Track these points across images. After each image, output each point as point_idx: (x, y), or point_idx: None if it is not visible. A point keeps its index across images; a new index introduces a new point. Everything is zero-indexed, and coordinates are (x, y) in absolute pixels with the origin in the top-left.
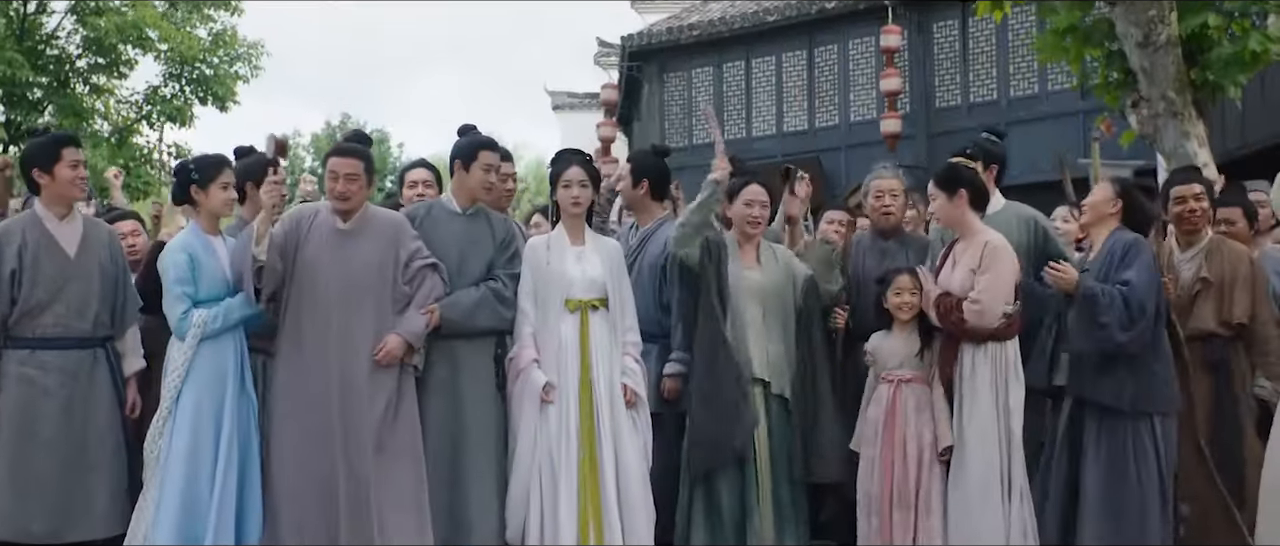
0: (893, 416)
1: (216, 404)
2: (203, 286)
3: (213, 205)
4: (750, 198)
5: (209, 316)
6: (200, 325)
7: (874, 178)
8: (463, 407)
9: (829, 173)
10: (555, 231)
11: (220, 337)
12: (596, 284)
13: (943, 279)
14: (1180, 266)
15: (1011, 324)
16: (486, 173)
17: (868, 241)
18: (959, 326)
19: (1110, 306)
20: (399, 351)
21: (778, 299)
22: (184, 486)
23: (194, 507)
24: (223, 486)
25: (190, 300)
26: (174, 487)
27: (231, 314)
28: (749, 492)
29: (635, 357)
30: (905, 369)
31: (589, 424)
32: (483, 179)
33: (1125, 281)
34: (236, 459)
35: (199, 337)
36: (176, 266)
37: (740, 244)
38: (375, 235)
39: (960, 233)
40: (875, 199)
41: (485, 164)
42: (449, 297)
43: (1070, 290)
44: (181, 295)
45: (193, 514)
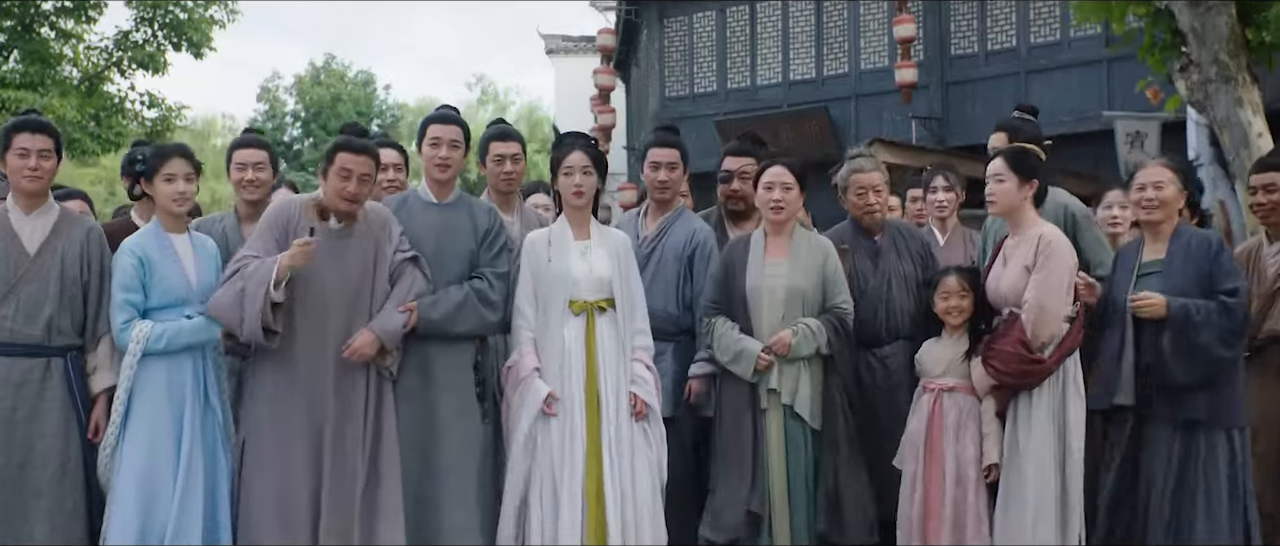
0: (933, 429)
1: (174, 420)
2: (156, 293)
3: (160, 200)
4: (770, 180)
5: (152, 334)
6: (142, 340)
7: (853, 170)
8: (435, 422)
9: (838, 124)
10: (557, 224)
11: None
12: (603, 283)
13: (994, 280)
14: (1266, 261)
15: (1072, 335)
16: (434, 148)
17: (852, 238)
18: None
19: (1207, 323)
20: (369, 350)
21: (804, 301)
22: (140, 519)
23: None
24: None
25: (135, 309)
26: (125, 516)
27: (179, 338)
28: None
29: (646, 364)
30: (949, 377)
31: (595, 439)
32: (429, 154)
33: (1230, 291)
34: (200, 481)
35: (141, 353)
36: (122, 271)
37: (767, 232)
38: (366, 232)
39: (1014, 226)
40: (856, 196)
41: (432, 138)
42: (430, 297)
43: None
44: (124, 303)
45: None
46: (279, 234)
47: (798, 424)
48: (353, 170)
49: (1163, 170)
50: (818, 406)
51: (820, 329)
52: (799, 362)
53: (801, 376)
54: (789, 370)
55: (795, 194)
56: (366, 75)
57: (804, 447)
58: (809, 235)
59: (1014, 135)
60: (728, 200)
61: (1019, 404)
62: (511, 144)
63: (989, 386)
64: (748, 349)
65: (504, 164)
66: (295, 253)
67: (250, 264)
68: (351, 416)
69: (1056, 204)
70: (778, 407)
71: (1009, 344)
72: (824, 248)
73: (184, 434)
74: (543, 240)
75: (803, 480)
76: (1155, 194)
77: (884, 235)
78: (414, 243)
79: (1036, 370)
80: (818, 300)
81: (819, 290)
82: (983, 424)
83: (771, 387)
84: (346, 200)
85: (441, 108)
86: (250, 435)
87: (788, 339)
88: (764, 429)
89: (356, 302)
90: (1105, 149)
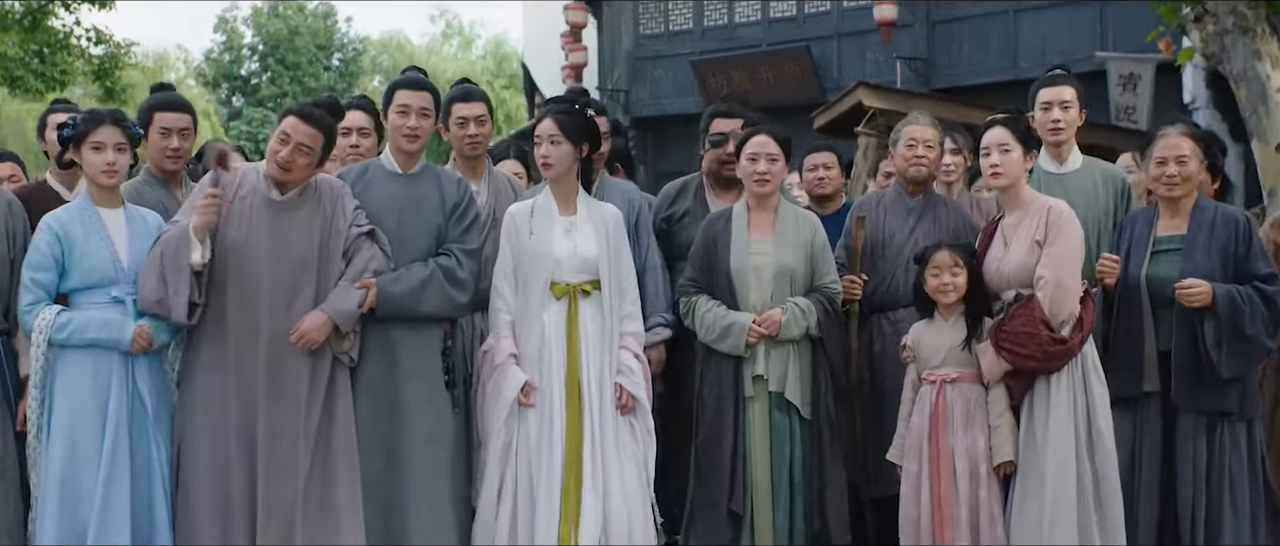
0: (937, 425)
1: (98, 416)
2: (77, 272)
3: (88, 171)
4: (755, 150)
5: (55, 322)
6: (44, 328)
7: (907, 122)
8: (402, 413)
9: (819, 65)
10: (541, 197)
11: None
12: (588, 263)
13: (992, 262)
14: None
15: (1088, 314)
16: (402, 116)
17: (892, 197)
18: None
19: (1254, 314)
20: (317, 334)
21: (791, 280)
22: (62, 520)
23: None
24: (104, 510)
25: (43, 290)
26: (48, 516)
27: (85, 331)
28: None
29: (635, 352)
30: (949, 366)
31: (576, 432)
32: (397, 123)
33: (1267, 277)
34: (125, 482)
35: (45, 342)
36: (35, 247)
37: (750, 207)
38: (314, 205)
39: (1012, 201)
40: (907, 147)
41: (399, 105)
42: (391, 273)
43: (1207, 305)
44: (31, 283)
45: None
46: None
47: (784, 414)
48: (291, 136)
49: (1183, 140)
50: (808, 392)
51: (811, 308)
52: (788, 346)
53: (790, 360)
54: (777, 353)
55: (781, 165)
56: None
57: (790, 439)
58: (794, 209)
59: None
60: (721, 166)
61: (1036, 392)
62: (475, 104)
63: (1001, 373)
64: (738, 321)
65: (467, 127)
66: (200, 206)
67: (166, 233)
68: (289, 406)
69: (1109, 175)
70: (763, 395)
71: (1027, 325)
72: (811, 223)
73: (107, 431)
74: (525, 214)
75: (787, 474)
76: (1177, 169)
77: (924, 198)
78: (375, 217)
79: (1060, 351)
80: (806, 279)
81: (807, 268)
82: (992, 416)
83: (757, 374)
84: (278, 166)
85: (408, 70)
86: (185, 431)
87: (777, 317)
88: (747, 419)
89: (298, 282)
90: (1098, 90)
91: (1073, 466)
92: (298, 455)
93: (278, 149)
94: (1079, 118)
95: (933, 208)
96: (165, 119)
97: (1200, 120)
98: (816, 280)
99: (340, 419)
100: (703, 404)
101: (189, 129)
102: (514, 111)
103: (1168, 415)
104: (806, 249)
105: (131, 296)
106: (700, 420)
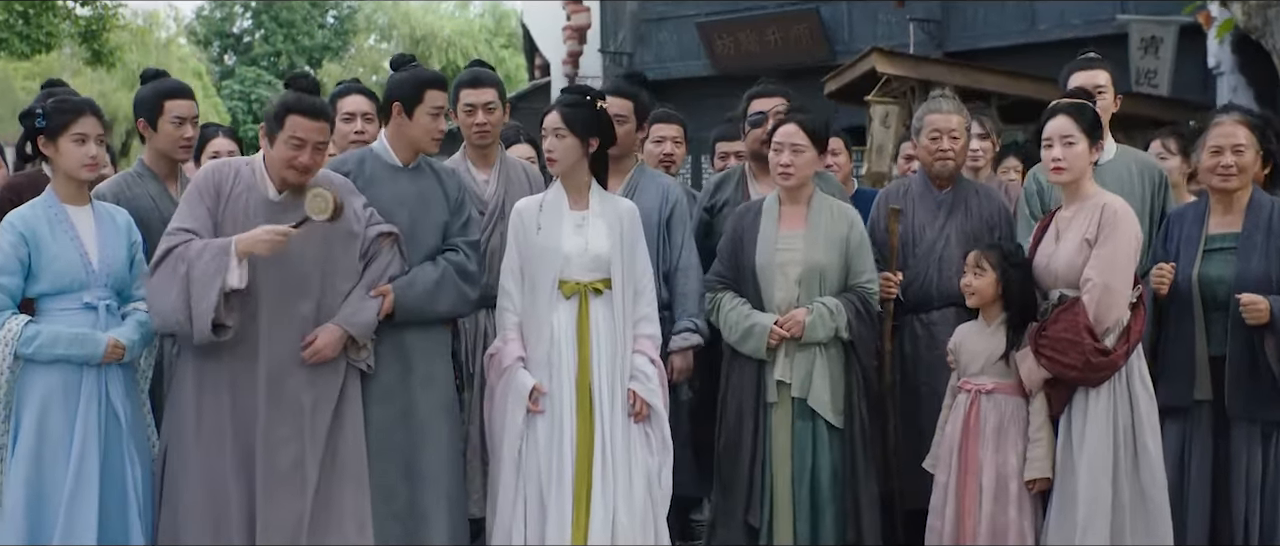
0: (968, 436)
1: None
2: (46, 276)
3: (66, 164)
4: (780, 140)
5: (23, 334)
6: (10, 341)
7: (929, 110)
8: (417, 422)
9: (830, 27)
10: (551, 190)
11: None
12: (600, 261)
13: (1044, 257)
14: None
15: (1137, 322)
16: (435, 118)
17: (919, 188)
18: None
19: None
20: (331, 351)
21: (821, 278)
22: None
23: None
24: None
25: (9, 297)
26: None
27: (54, 346)
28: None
29: (651, 356)
30: (986, 377)
31: (587, 440)
32: (430, 127)
33: None
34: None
35: (10, 355)
36: (1, 251)
37: (781, 199)
38: None
39: (1072, 194)
40: (929, 139)
41: (433, 108)
42: (404, 278)
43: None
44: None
45: None
46: (211, 202)
47: (808, 421)
48: (305, 138)
49: (1239, 128)
50: (838, 401)
51: (840, 309)
52: (814, 349)
53: (816, 365)
54: (801, 357)
55: (809, 157)
56: None
57: (812, 448)
58: (831, 202)
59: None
60: (763, 146)
61: (1074, 404)
62: (486, 90)
63: (1041, 381)
64: (759, 323)
65: (476, 114)
66: (265, 239)
67: (190, 244)
68: (291, 417)
69: (1144, 166)
70: (786, 402)
71: (1069, 331)
72: (847, 217)
73: (73, 447)
74: (532, 209)
75: (808, 483)
76: (1234, 160)
77: (954, 189)
78: (384, 215)
79: (1104, 363)
80: (839, 278)
81: (840, 266)
82: (1031, 429)
83: (780, 378)
84: (299, 171)
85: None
86: (172, 442)
87: (801, 318)
88: (769, 426)
89: (303, 287)
90: (1118, 54)
91: (1108, 485)
92: (305, 469)
93: (293, 156)
94: (1114, 103)
95: (964, 199)
96: (178, 107)
97: (1224, 86)
98: (852, 279)
99: (349, 427)
100: (726, 408)
101: (198, 117)
102: (513, 72)
103: (1219, 423)
104: (841, 245)
105: (104, 301)
106: (722, 425)
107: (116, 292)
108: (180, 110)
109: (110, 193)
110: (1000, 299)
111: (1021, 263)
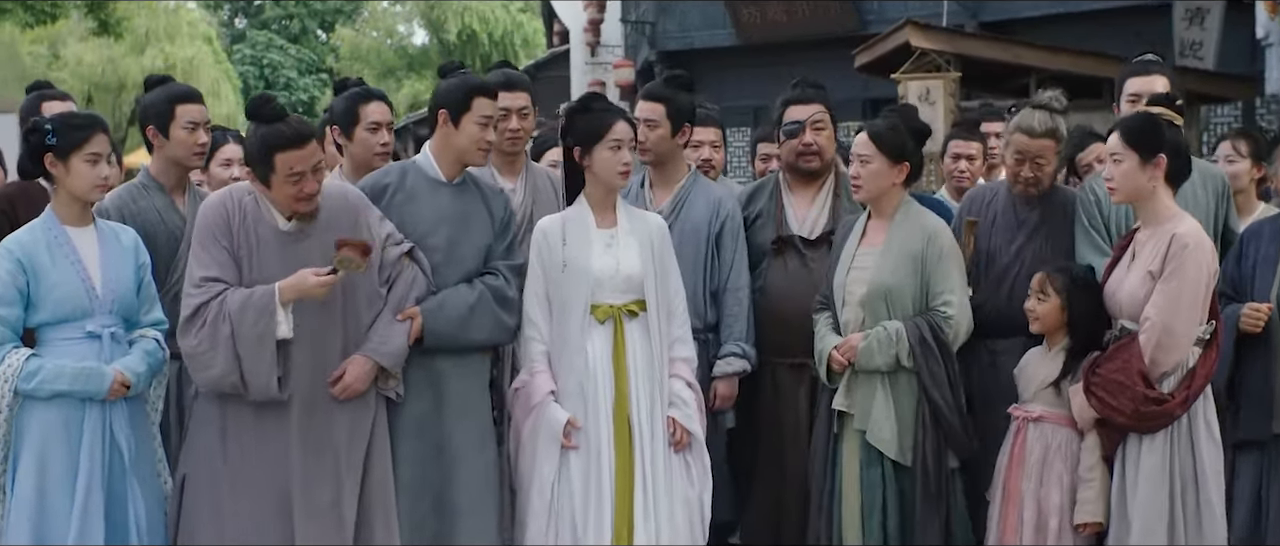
0: (1012, 465)
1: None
2: (47, 305)
3: (77, 185)
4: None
5: (24, 369)
6: (11, 376)
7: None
8: (451, 458)
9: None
10: (574, 207)
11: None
12: (632, 282)
13: (1115, 281)
14: None
15: (1204, 364)
16: (484, 128)
17: (1003, 202)
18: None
19: None
20: (362, 384)
21: (888, 300)
22: None
23: None
24: None
25: (9, 329)
26: None
27: (57, 381)
28: None
29: (688, 381)
30: (1037, 404)
31: (626, 475)
32: (478, 137)
33: None
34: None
35: (10, 392)
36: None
37: (870, 215)
38: (330, 228)
39: (1144, 215)
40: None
41: (481, 117)
42: (434, 299)
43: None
44: None
45: None
46: (227, 241)
47: (872, 454)
48: (302, 169)
49: None
50: (907, 438)
51: (899, 335)
52: (874, 378)
53: (877, 395)
54: (862, 386)
55: (877, 167)
56: None
57: (883, 484)
58: (920, 215)
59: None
60: (798, 157)
61: (1128, 447)
62: (520, 94)
63: (1092, 419)
64: (825, 347)
65: (509, 119)
66: (310, 286)
67: (225, 298)
68: (323, 456)
69: (1209, 177)
70: (853, 433)
71: (1121, 372)
72: (927, 231)
73: (77, 488)
74: (556, 229)
75: (879, 522)
76: None
77: (1041, 206)
78: (422, 233)
79: (1156, 412)
80: (912, 300)
81: (915, 286)
82: (1082, 467)
83: (840, 408)
84: (302, 202)
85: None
86: (193, 484)
87: (855, 342)
88: (839, 458)
89: (326, 320)
90: (1161, 25)
91: (1164, 536)
92: (341, 508)
93: (296, 191)
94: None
95: (1051, 218)
96: (191, 112)
97: (1273, 58)
98: (931, 300)
99: (376, 457)
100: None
101: (210, 121)
102: (531, 36)
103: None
104: (914, 263)
105: (108, 329)
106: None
107: (123, 319)
108: (193, 115)
109: (113, 207)
110: (1065, 327)
111: (1090, 287)
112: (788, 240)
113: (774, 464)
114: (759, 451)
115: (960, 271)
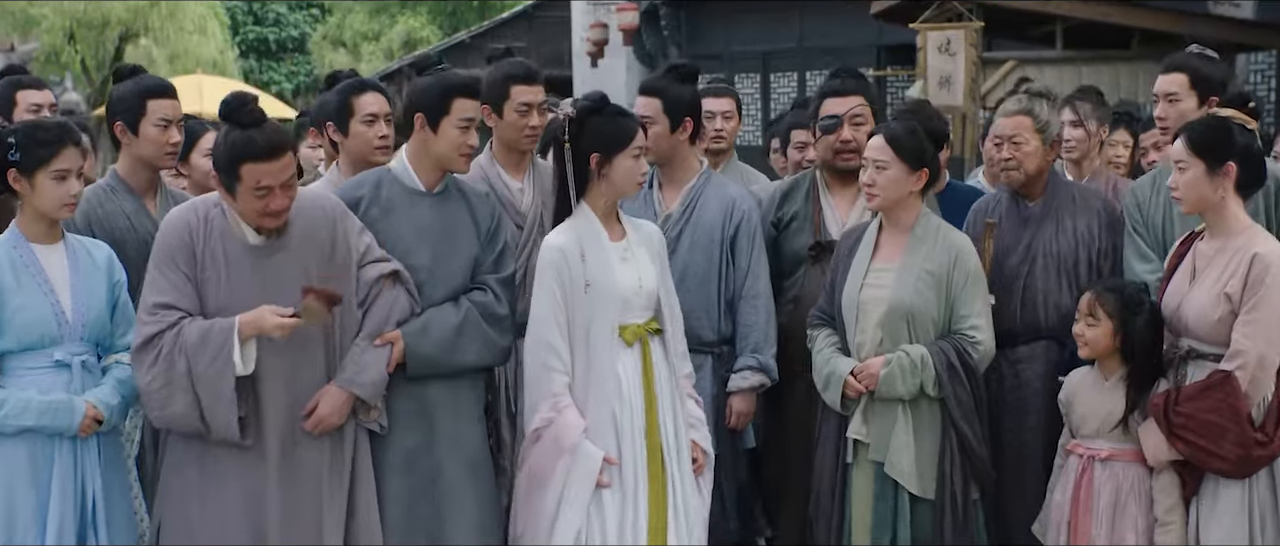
0: (1078, 508)
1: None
2: (11, 331)
3: (43, 204)
4: (864, 157)
5: None
6: None
7: (1001, 112)
8: (444, 495)
9: None
10: (582, 218)
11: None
12: (652, 297)
13: (1174, 295)
14: None
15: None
16: (465, 132)
17: (1007, 201)
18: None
19: None
20: (337, 418)
21: (909, 322)
22: None
23: None
24: None
25: None
26: None
27: (23, 416)
28: None
29: (696, 397)
30: (1103, 441)
31: (660, 507)
32: (459, 142)
33: None
34: None
35: None
36: None
37: (882, 226)
38: (305, 241)
39: (1212, 227)
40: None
41: (462, 120)
42: (416, 322)
43: None
44: None
45: None
46: (187, 265)
47: (887, 486)
48: (271, 183)
49: None
50: (925, 467)
51: (926, 361)
52: (895, 406)
53: (898, 426)
54: (881, 415)
55: (894, 173)
56: None
57: (896, 518)
58: (935, 227)
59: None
60: (835, 155)
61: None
62: (538, 88)
63: (1169, 459)
64: (837, 370)
65: (531, 115)
66: (270, 326)
67: (181, 330)
68: (304, 492)
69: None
70: (866, 463)
71: (1225, 416)
72: (952, 250)
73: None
74: (573, 247)
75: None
76: None
77: (1043, 201)
78: (402, 250)
79: (1262, 456)
80: (935, 320)
81: (939, 307)
82: (1159, 508)
83: (856, 437)
84: (270, 218)
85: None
86: (168, 523)
87: (875, 368)
88: (850, 489)
89: (302, 348)
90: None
91: None
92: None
93: (263, 205)
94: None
95: (1055, 211)
96: (164, 107)
97: None
98: (955, 323)
99: (361, 502)
100: (816, 462)
101: (182, 117)
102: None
103: None
104: (939, 281)
105: (78, 357)
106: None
107: (94, 344)
108: (165, 111)
109: (78, 213)
110: (1118, 353)
111: (1146, 308)
112: (826, 246)
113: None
114: (790, 464)
115: (985, 294)
